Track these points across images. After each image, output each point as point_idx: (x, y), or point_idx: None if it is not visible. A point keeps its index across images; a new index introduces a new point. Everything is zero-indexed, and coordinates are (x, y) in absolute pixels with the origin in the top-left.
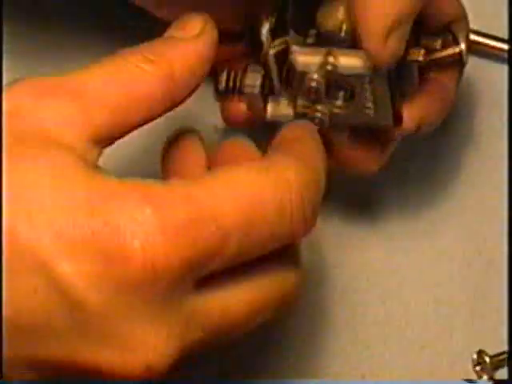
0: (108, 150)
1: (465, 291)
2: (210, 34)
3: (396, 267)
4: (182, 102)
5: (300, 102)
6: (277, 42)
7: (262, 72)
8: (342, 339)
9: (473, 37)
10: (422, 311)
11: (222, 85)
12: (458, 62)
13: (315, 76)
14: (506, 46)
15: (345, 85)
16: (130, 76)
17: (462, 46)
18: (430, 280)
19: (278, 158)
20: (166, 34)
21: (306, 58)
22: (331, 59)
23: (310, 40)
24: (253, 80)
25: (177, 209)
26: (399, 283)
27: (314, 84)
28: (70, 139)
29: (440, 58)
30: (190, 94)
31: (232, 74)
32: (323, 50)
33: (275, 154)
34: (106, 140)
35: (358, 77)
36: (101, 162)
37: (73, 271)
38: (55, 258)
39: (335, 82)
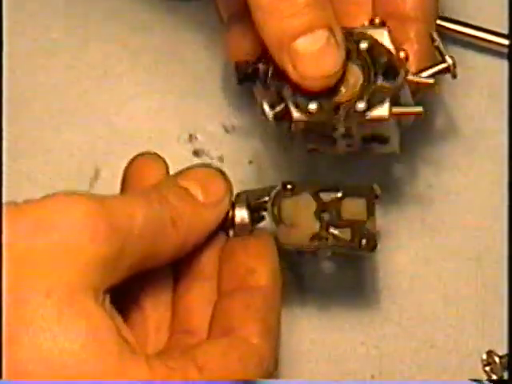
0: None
1: (475, 290)
2: (224, 205)
3: (405, 267)
4: None
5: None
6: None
7: (248, 212)
8: (352, 339)
9: (473, 32)
10: (432, 311)
11: None
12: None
13: None
14: (506, 42)
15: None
16: (158, 239)
17: (450, 60)
18: (440, 279)
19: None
20: (192, 189)
21: None
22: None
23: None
24: (241, 223)
25: None
26: (409, 283)
27: None
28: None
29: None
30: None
31: None
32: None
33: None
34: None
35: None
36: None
37: None
38: None
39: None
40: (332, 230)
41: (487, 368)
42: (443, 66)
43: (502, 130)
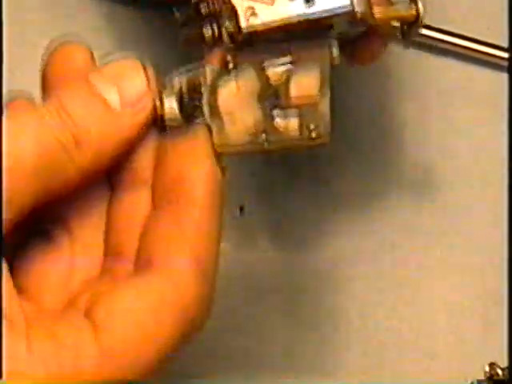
0: None
1: (477, 301)
2: (145, 107)
3: (408, 277)
4: None
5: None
6: None
7: (178, 104)
8: (354, 349)
9: (473, 45)
10: (434, 321)
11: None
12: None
13: None
14: (505, 55)
15: None
16: (59, 166)
17: (420, 5)
18: (442, 290)
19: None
20: (104, 90)
21: None
22: None
23: None
24: (171, 118)
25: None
26: (411, 293)
27: None
28: None
29: (394, 17)
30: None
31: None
32: None
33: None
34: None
35: None
36: None
37: None
38: None
39: None
40: (277, 121)
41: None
42: (412, 11)
43: (503, 136)
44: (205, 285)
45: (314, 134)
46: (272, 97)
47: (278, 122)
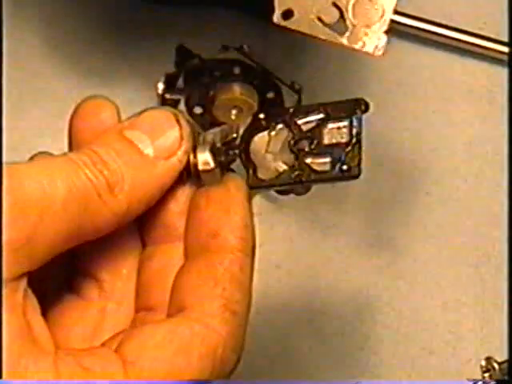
0: None
1: (473, 297)
2: (179, 157)
3: (404, 273)
4: None
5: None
6: None
7: (212, 156)
8: (351, 345)
9: (473, 39)
10: (431, 317)
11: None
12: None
13: None
14: (506, 49)
15: None
16: (92, 209)
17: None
18: (439, 286)
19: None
20: (138, 140)
21: None
22: None
23: None
24: (205, 170)
25: None
26: (408, 289)
27: None
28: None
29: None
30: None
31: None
32: None
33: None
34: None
35: None
36: None
37: None
38: None
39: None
40: (308, 160)
41: (486, 374)
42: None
43: (502, 136)
44: (235, 327)
45: (345, 167)
46: (304, 141)
47: (310, 161)
